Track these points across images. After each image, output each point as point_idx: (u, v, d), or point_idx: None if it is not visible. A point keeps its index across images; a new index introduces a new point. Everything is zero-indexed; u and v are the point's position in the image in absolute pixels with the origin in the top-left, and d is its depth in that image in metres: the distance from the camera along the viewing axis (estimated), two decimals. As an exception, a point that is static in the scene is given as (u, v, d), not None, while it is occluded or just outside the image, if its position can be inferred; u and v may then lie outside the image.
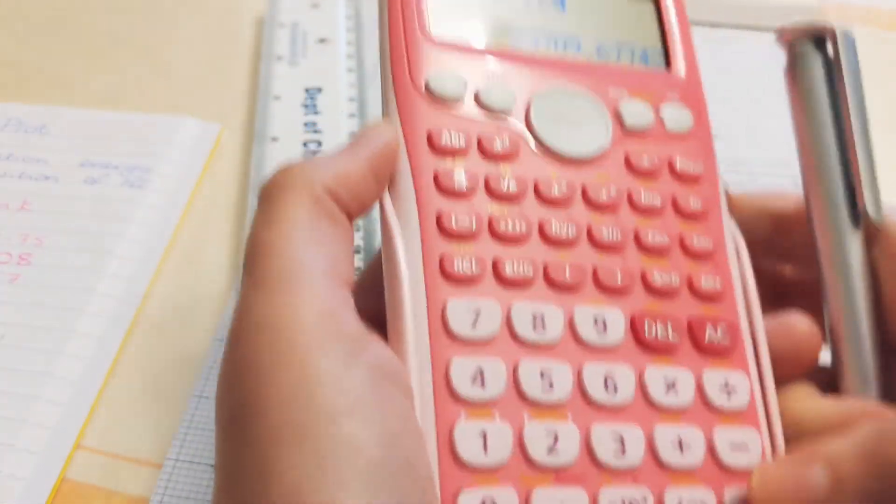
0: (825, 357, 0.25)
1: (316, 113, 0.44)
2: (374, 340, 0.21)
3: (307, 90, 0.45)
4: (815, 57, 0.26)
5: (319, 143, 0.42)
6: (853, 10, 0.57)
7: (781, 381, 0.25)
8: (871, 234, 0.25)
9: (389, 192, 0.24)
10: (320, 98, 0.45)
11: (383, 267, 0.23)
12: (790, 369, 0.25)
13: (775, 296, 0.27)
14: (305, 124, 0.43)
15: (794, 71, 0.27)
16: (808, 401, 0.24)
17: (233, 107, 0.47)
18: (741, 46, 0.52)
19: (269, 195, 0.22)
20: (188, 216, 0.41)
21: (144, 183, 0.41)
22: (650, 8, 0.29)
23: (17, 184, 0.41)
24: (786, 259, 0.28)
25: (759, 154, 0.46)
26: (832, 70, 0.26)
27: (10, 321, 0.35)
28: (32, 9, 0.52)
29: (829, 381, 0.25)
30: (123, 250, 0.38)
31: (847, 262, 0.25)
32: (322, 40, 0.48)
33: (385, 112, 0.24)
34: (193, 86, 0.48)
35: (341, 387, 0.19)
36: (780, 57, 0.52)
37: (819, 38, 0.27)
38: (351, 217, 0.23)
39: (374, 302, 0.23)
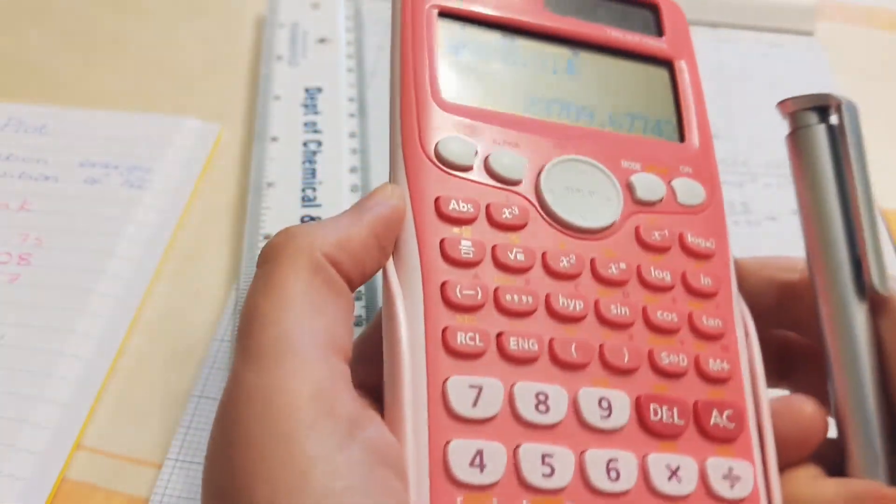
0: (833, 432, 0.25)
1: (316, 113, 0.44)
2: (370, 419, 0.20)
3: (307, 90, 0.45)
4: (819, 128, 0.26)
5: (319, 143, 0.42)
6: (853, 10, 0.57)
7: (786, 463, 0.24)
8: (878, 307, 0.24)
9: (394, 259, 0.23)
10: (320, 98, 0.45)
11: (384, 338, 0.22)
12: (795, 452, 0.24)
13: (781, 365, 0.27)
14: (305, 124, 0.43)
15: (798, 142, 0.26)
16: (813, 484, 0.23)
17: (233, 107, 0.47)
18: (741, 46, 0.52)
19: (268, 260, 0.22)
20: (188, 216, 0.41)
21: (144, 183, 0.41)
22: (665, 76, 0.28)
23: (17, 184, 0.41)
24: (792, 328, 0.28)
25: (759, 154, 0.46)
26: (836, 141, 0.26)
27: (10, 321, 0.35)
28: (33, 9, 0.52)
29: (837, 457, 0.24)
30: (123, 250, 0.38)
31: (852, 336, 0.24)
32: (322, 40, 0.48)
33: (392, 176, 0.24)
34: (193, 86, 0.48)
35: (333, 470, 0.18)
36: (779, 57, 0.52)
37: (823, 108, 0.26)
38: (352, 285, 0.22)
39: (372, 371, 0.22)
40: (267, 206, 0.39)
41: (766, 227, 0.42)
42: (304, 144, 0.42)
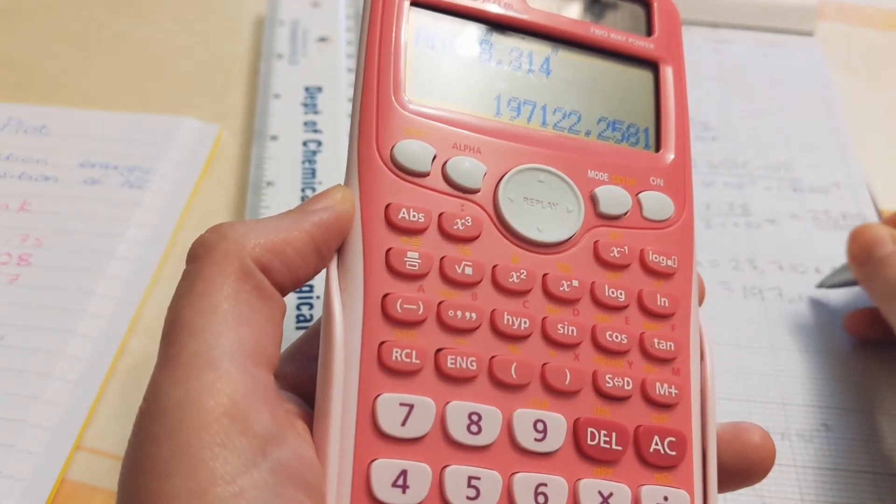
0: None
1: (316, 112, 0.44)
2: (289, 437, 0.20)
3: (307, 89, 0.45)
4: None
5: (319, 143, 0.42)
6: (853, 10, 0.57)
7: (729, 490, 0.24)
8: None
9: (338, 266, 0.22)
10: (320, 97, 0.45)
11: (320, 347, 0.21)
12: (740, 481, 0.24)
13: None
14: (305, 123, 0.43)
15: None
16: None
17: (233, 107, 0.47)
18: (741, 46, 0.52)
19: (196, 258, 0.21)
20: (188, 216, 0.41)
21: (144, 183, 0.41)
22: (648, 79, 0.27)
23: (17, 184, 0.41)
24: None
25: (759, 156, 0.46)
26: None
27: (11, 322, 0.35)
28: (32, 9, 0.52)
29: None
30: (123, 251, 0.38)
31: None
32: (322, 39, 0.48)
33: (346, 178, 0.23)
34: (193, 86, 0.48)
35: (236, 491, 0.18)
36: (779, 57, 0.52)
37: None
38: (283, 290, 0.22)
39: (311, 372, 0.22)
40: (266, 206, 0.39)
41: (766, 229, 0.42)
42: (304, 144, 0.42)
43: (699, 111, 0.48)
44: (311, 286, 0.37)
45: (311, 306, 0.36)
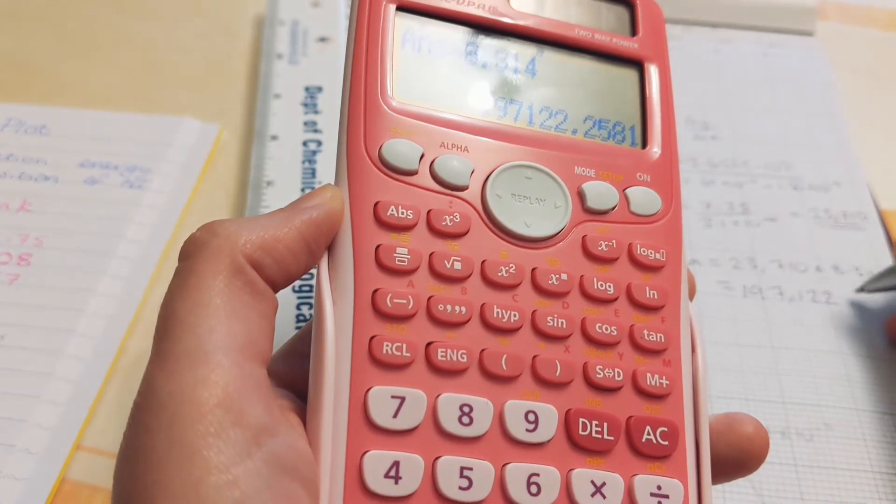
0: None
1: (316, 112, 0.44)
2: (284, 427, 0.20)
3: (307, 89, 0.45)
4: None
5: (319, 143, 0.42)
6: (853, 11, 0.57)
7: (724, 481, 0.24)
8: None
9: (329, 263, 0.23)
10: (320, 97, 0.45)
11: (312, 343, 0.22)
12: (733, 472, 0.24)
13: None
14: (305, 123, 0.43)
15: None
16: None
17: (233, 107, 0.47)
18: (741, 46, 0.52)
19: (188, 256, 0.21)
20: (188, 216, 0.41)
21: (144, 183, 0.41)
22: (633, 78, 0.27)
23: (17, 184, 0.41)
24: None
25: (759, 155, 0.46)
26: None
27: (11, 322, 0.35)
28: (32, 9, 0.52)
29: None
30: (123, 251, 0.38)
31: None
32: (322, 39, 0.48)
33: (336, 178, 0.24)
34: (193, 86, 0.48)
35: (231, 480, 0.18)
36: (779, 57, 0.52)
37: None
38: (276, 287, 0.22)
39: (304, 368, 0.22)
40: (266, 206, 0.39)
41: (766, 227, 0.42)
42: (304, 144, 0.42)
43: (699, 111, 0.48)
44: (311, 286, 0.37)
45: (310, 306, 0.36)
